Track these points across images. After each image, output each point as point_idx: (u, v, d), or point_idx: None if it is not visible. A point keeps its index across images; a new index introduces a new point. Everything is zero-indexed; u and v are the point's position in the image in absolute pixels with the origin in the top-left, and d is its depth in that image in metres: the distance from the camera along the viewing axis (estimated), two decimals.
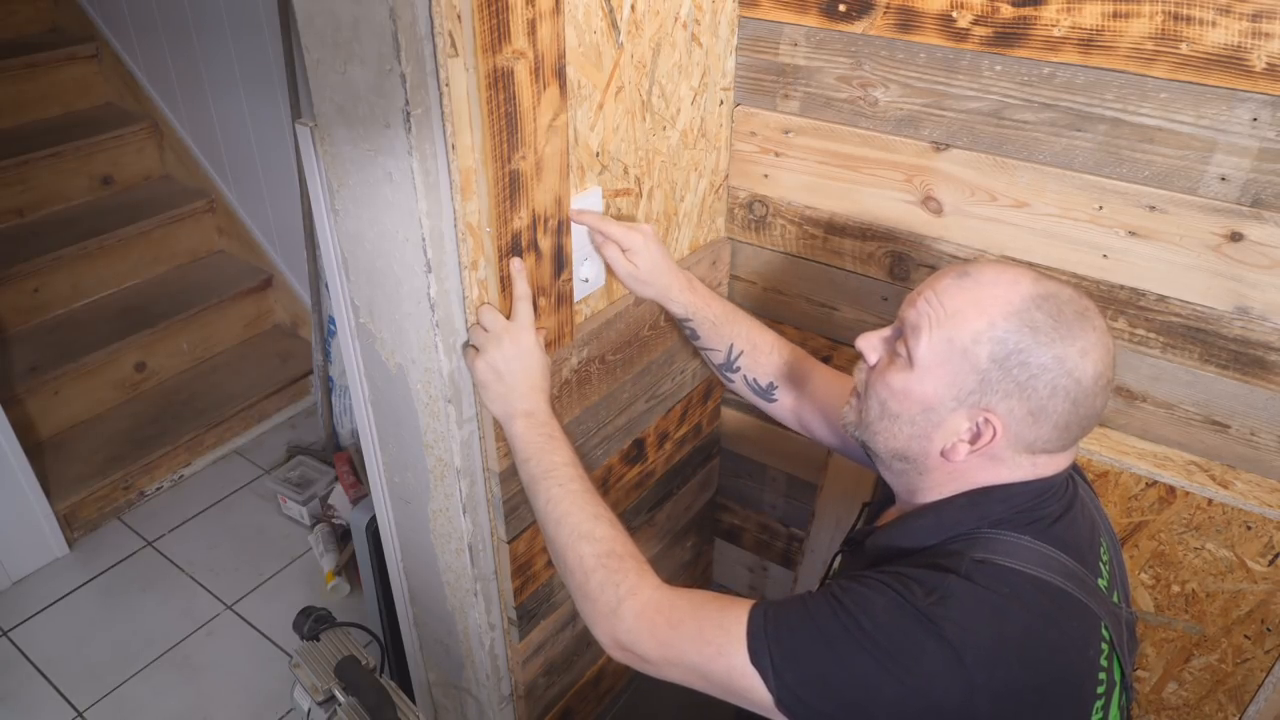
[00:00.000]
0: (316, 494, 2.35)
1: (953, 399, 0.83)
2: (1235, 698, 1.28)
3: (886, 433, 0.88)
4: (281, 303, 2.94)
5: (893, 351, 0.88)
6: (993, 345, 0.80)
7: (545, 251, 1.04)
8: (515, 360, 1.01)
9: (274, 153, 2.61)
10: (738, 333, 1.25)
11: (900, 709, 0.76)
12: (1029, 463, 0.84)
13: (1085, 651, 0.81)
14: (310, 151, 1.01)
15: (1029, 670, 0.77)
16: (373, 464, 1.25)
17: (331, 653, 1.14)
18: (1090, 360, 0.80)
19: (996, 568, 0.80)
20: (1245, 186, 1.04)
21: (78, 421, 2.53)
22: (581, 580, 0.94)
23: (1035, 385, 0.80)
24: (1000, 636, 0.76)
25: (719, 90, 1.33)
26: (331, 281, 1.11)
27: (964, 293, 0.83)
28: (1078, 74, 1.08)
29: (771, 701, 0.80)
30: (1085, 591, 0.82)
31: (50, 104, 2.91)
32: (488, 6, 0.84)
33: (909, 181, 1.27)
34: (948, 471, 0.87)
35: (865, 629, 0.78)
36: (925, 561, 0.83)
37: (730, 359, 1.25)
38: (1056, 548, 0.83)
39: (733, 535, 1.85)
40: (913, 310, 0.86)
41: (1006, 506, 0.84)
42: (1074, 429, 0.82)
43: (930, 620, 0.76)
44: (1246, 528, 1.16)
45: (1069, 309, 0.81)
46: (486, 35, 0.85)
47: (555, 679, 1.46)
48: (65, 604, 2.13)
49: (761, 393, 1.25)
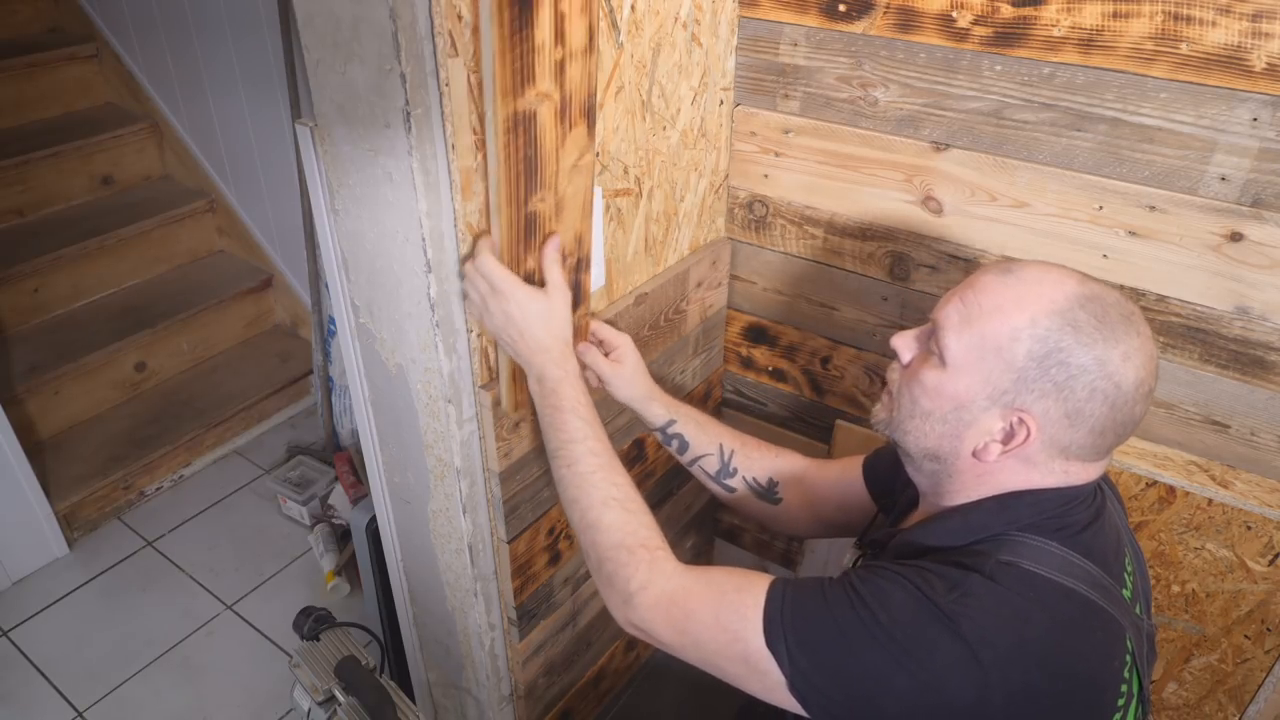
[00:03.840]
0: (316, 494, 2.35)
1: (986, 397, 0.81)
2: (1235, 698, 1.28)
3: (918, 431, 0.87)
4: (281, 303, 2.94)
5: (926, 349, 0.87)
6: (1032, 343, 0.79)
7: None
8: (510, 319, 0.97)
9: (274, 153, 2.61)
10: (723, 433, 1.20)
11: (912, 703, 0.76)
12: (1061, 469, 0.83)
13: (1110, 663, 0.80)
14: (310, 151, 1.01)
15: (1048, 676, 0.76)
16: (373, 464, 1.25)
17: (331, 653, 1.14)
18: (1132, 365, 0.78)
19: (1022, 571, 0.79)
20: (1245, 186, 1.04)
21: (78, 421, 2.52)
22: (595, 566, 0.95)
23: (1074, 386, 0.78)
24: (1021, 640, 0.75)
25: (719, 90, 1.33)
26: (331, 281, 1.11)
27: (1007, 289, 0.81)
28: (1078, 74, 1.08)
29: (786, 684, 0.80)
30: (1110, 602, 0.81)
31: (50, 104, 2.90)
32: (511, 49, 0.81)
33: (909, 181, 1.27)
34: (978, 473, 0.85)
35: (881, 622, 0.77)
36: (949, 560, 0.82)
37: (725, 460, 1.19)
38: (1084, 556, 0.81)
39: (733, 535, 1.85)
40: (947, 308, 0.85)
41: (1035, 511, 0.83)
42: (1109, 436, 0.81)
43: (948, 617, 0.75)
44: (1246, 528, 1.16)
45: (1114, 312, 0.79)
46: (508, 79, 0.82)
47: (555, 679, 1.46)
48: (65, 604, 2.13)
49: (765, 493, 1.19)
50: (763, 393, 1.62)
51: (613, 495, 0.96)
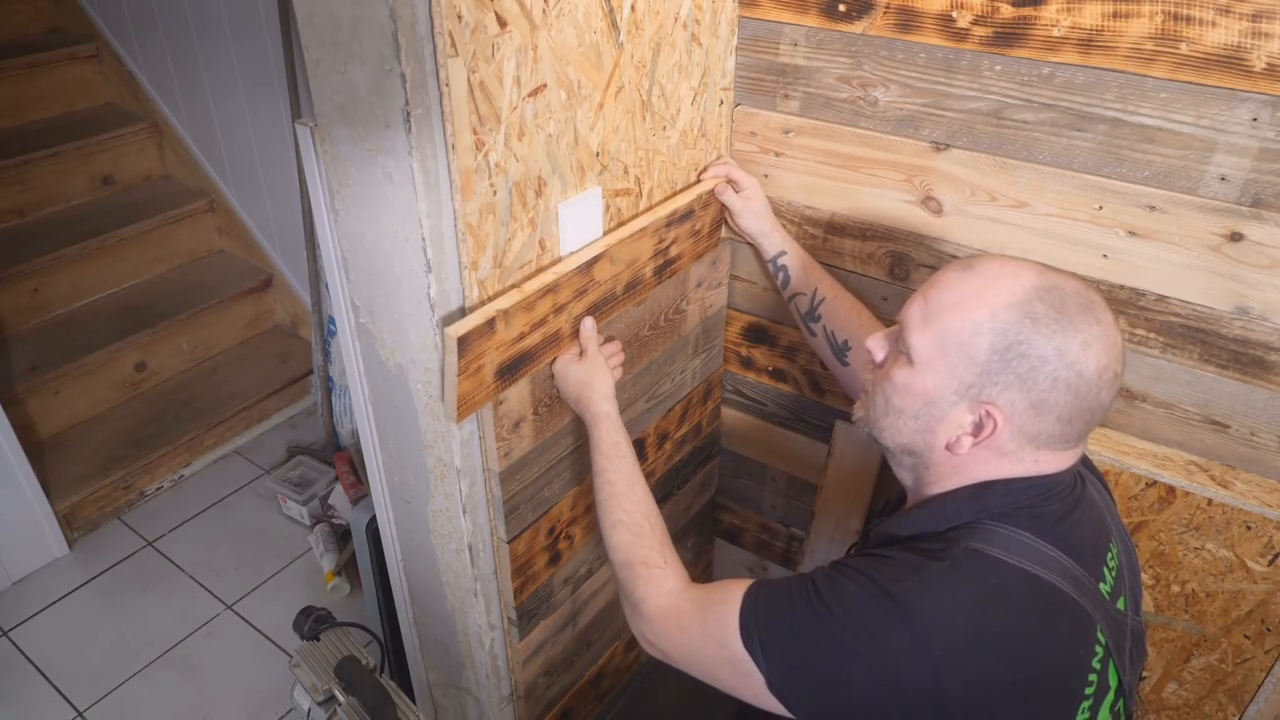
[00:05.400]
0: (316, 494, 2.35)
1: (953, 392, 0.84)
2: (1235, 698, 1.28)
3: (892, 428, 0.90)
4: (281, 303, 2.94)
5: (896, 350, 0.90)
6: (993, 336, 0.81)
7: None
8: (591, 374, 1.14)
9: (274, 153, 2.61)
10: (821, 280, 1.31)
11: (873, 693, 0.77)
12: (1032, 457, 0.84)
13: (1074, 651, 0.81)
14: (310, 151, 1.01)
15: (1006, 663, 0.77)
16: (373, 464, 1.25)
17: (331, 653, 1.14)
18: (1093, 353, 0.80)
19: (987, 558, 0.81)
20: (1245, 186, 1.04)
21: (78, 421, 2.53)
22: (615, 578, 1.04)
23: (1036, 377, 0.80)
24: (977, 627, 0.77)
25: (719, 90, 1.33)
26: (331, 281, 1.11)
27: (967, 285, 0.84)
28: (1077, 74, 1.08)
29: (765, 684, 0.83)
30: (1082, 593, 0.82)
31: (50, 104, 2.91)
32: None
33: (909, 181, 1.27)
34: (953, 465, 0.87)
35: (835, 614, 0.79)
36: (917, 547, 0.84)
37: (814, 305, 1.31)
38: (1056, 547, 0.83)
39: (733, 535, 1.85)
40: (911, 307, 0.87)
41: (1007, 501, 0.85)
42: (1078, 423, 0.82)
43: (901, 606, 0.77)
44: (1246, 528, 1.16)
45: (1072, 301, 0.81)
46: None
47: (555, 679, 1.46)
48: (65, 604, 2.13)
49: (838, 351, 1.29)
50: (763, 393, 1.62)
51: (620, 520, 1.05)
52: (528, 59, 0.95)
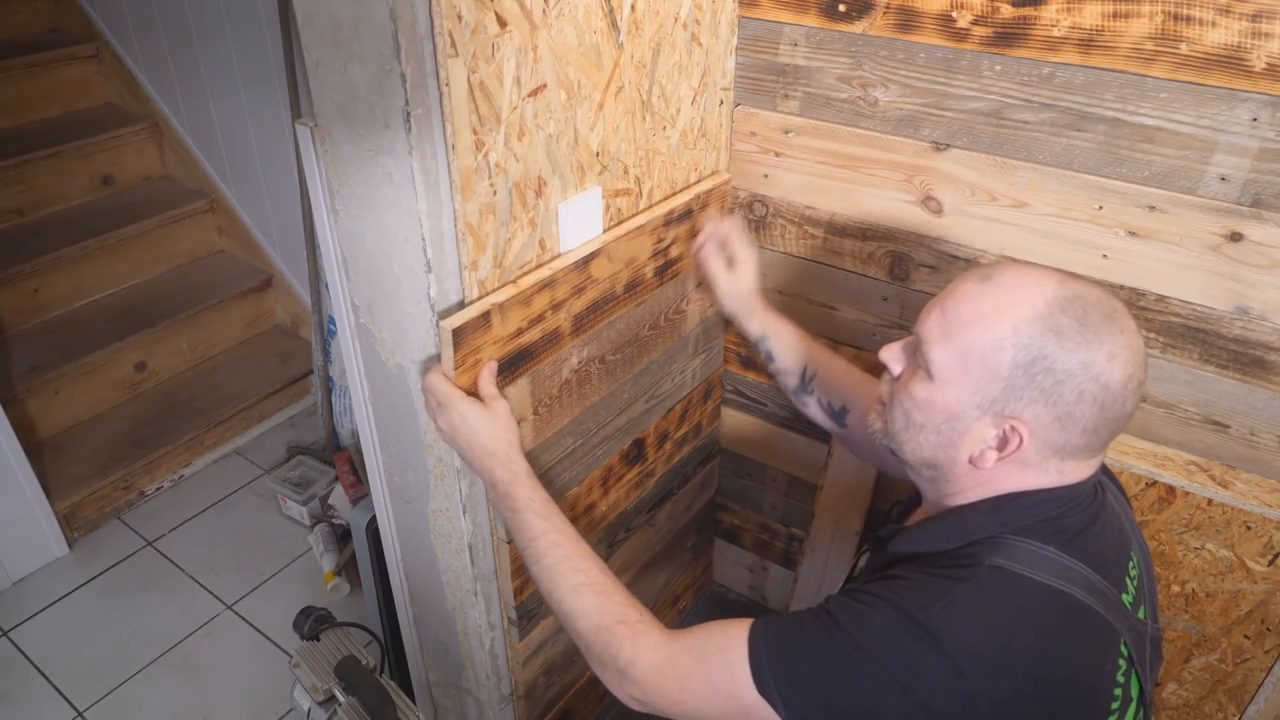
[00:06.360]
0: (316, 494, 2.35)
1: (976, 407, 0.82)
2: (1235, 698, 1.28)
3: (913, 442, 0.88)
4: (281, 303, 2.94)
5: (914, 363, 0.88)
6: (1016, 351, 0.79)
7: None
8: (457, 431, 1.01)
9: (274, 153, 2.61)
10: (810, 354, 1.25)
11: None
12: (1056, 468, 0.83)
13: (1101, 666, 0.80)
14: (310, 151, 1.01)
15: (1035, 683, 0.76)
16: (373, 464, 1.25)
17: (331, 653, 1.14)
18: (1118, 364, 0.78)
19: (1013, 576, 0.79)
20: (1245, 186, 1.04)
21: (78, 421, 2.52)
22: (585, 652, 0.95)
23: (1061, 391, 0.78)
24: (1007, 648, 0.75)
25: (719, 90, 1.33)
26: (331, 281, 1.11)
27: (986, 297, 0.81)
28: (1077, 74, 1.08)
29: None
30: (1106, 606, 0.81)
31: (50, 104, 2.90)
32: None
33: (909, 181, 1.27)
34: (975, 478, 0.86)
35: (863, 647, 0.77)
36: (941, 564, 0.82)
37: (805, 381, 1.25)
38: (1080, 560, 0.81)
39: (733, 535, 1.85)
40: (928, 320, 0.85)
41: (1030, 514, 0.83)
42: (1103, 433, 0.81)
43: (930, 633, 0.75)
44: (1246, 528, 1.16)
45: (1096, 312, 0.79)
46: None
47: (555, 679, 1.46)
48: (65, 604, 2.13)
49: (835, 416, 1.24)
50: (763, 393, 1.62)
51: (581, 581, 0.95)
52: (528, 59, 0.95)
